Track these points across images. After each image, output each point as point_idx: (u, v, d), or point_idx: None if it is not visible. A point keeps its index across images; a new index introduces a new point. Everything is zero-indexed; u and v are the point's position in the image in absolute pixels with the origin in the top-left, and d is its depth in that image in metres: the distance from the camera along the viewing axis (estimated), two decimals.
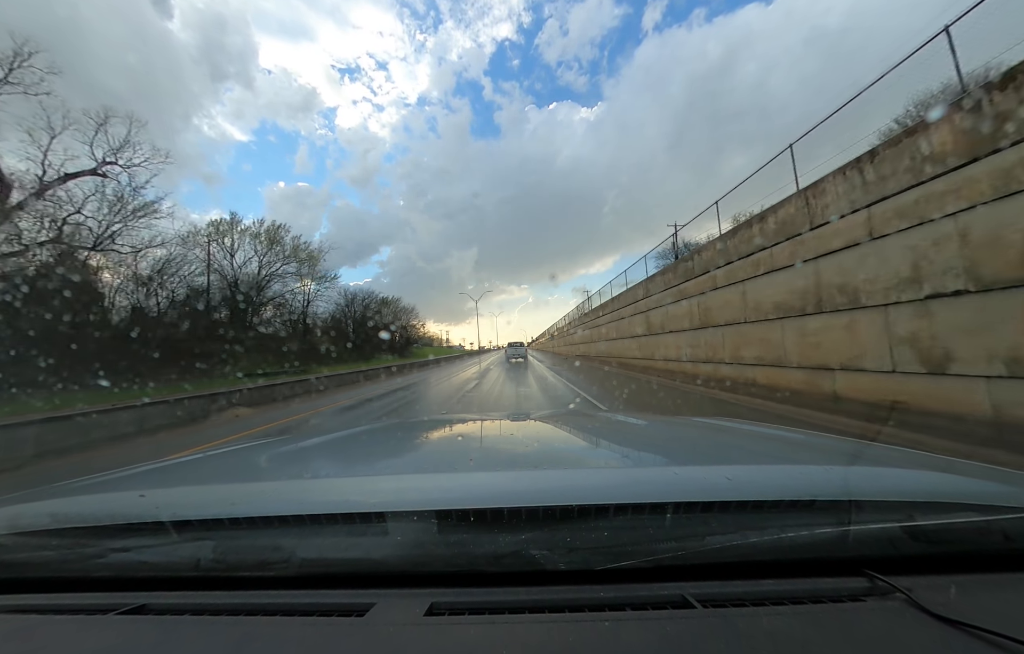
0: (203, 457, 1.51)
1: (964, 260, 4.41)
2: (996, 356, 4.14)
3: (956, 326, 4.53)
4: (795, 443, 1.35)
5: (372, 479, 1.11)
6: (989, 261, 4.20)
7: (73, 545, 0.78)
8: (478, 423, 2.03)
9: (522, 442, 1.52)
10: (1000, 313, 4.11)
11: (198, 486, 1.12)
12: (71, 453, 6.84)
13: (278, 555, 0.73)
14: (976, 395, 4.32)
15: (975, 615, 0.53)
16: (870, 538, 0.68)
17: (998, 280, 4.12)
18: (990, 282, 4.20)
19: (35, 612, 0.69)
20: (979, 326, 4.31)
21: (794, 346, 7.12)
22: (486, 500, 0.75)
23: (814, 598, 0.61)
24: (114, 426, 8.14)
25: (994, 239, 4.13)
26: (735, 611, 0.58)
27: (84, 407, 9.10)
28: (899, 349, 5.16)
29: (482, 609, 0.62)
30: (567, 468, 1.14)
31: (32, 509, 0.94)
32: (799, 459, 1.15)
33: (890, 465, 1.00)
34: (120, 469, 1.31)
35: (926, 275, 4.82)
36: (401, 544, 0.72)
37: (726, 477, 0.84)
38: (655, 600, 0.62)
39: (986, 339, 4.24)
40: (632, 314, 16.83)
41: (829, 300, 6.31)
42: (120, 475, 1.25)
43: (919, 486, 0.82)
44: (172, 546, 0.76)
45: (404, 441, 1.69)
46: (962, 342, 4.47)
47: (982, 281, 4.27)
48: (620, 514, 0.73)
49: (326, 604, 0.66)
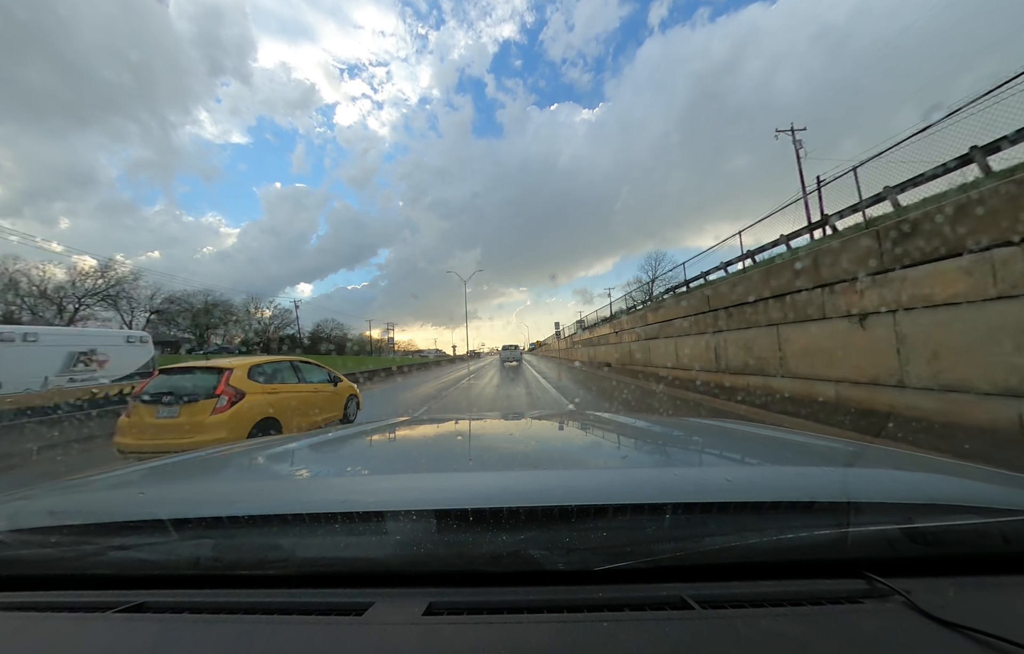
0: (202, 456, 1.51)
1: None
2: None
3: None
4: (794, 444, 1.35)
5: (371, 478, 1.10)
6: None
7: (72, 543, 0.78)
8: (478, 423, 2.02)
9: (521, 442, 1.52)
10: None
11: (197, 484, 1.11)
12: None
13: (277, 554, 0.73)
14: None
15: (974, 617, 0.53)
16: (869, 540, 0.68)
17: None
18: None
19: (34, 609, 0.69)
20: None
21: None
22: (485, 500, 0.75)
23: (813, 600, 0.61)
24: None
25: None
26: (734, 612, 0.58)
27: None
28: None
29: (480, 609, 0.62)
30: (566, 468, 1.14)
31: (31, 506, 0.93)
32: (798, 460, 1.15)
33: (889, 467, 1.00)
34: (120, 467, 1.31)
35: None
36: (400, 544, 0.72)
37: (725, 478, 0.83)
38: (653, 601, 0.62)
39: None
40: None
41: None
42: (120, 473, 1.24)
43: (918, 488, 0.82)
44: (171, 544, 0.76)
45: (403, 441, 1.67)
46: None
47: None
48: (619, 515, 0.72)
49: (325, 603, 0.66)
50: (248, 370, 5.90)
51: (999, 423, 4.61)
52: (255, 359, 6.40)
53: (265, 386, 6.10)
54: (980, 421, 4.80)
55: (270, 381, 6.29)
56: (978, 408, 4.84)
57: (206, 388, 5.42)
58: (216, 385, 5.42)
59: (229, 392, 5.43)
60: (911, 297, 5.61)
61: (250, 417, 5.56)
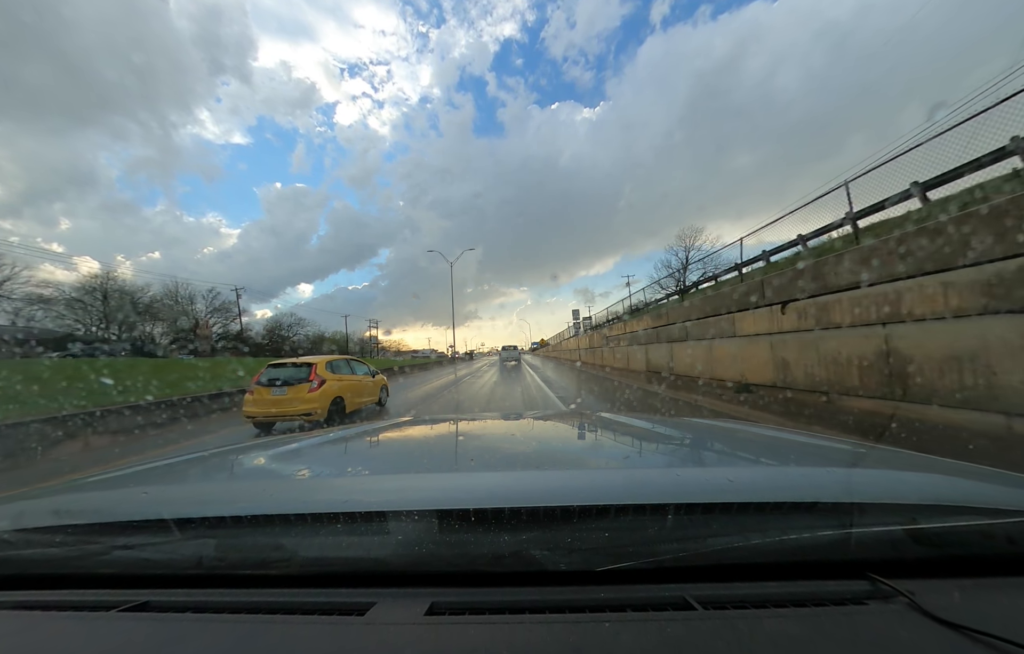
0: (205, 455, 1.52)
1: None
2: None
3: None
4: (797, 445, 1.36)
5: (373, 478, 1.12)
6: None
7: (76, 542, 0.79)
8: (479, 423, 2.05)
9: (523, 442, 1.53)
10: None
11: (200, 484, 1.14)
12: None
13: (280, 554, 0.74)
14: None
15: (978, 619, 0.53)
16: (873, 541, 0.68)
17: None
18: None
19: (38, 608, 0.69)
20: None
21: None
22: (487, 500, 0.76)
23: (816, 600, 0.61)
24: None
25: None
26: (736, 613, 0.58)
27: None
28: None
29: (482, 609, 0.62)
30: (568, 468, 1.15)
31: (35, 506, 0.95)
32: (801, 461, 1.15)
33: (893, 468, 1.00)
34: (123, 466, 1.35)
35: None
36: (402, 544, 0.72)
37: (727, 478, 0.84)
38: (656, 601, 0.62)
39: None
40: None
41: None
42: (123, 473, 1.26)
43: (922, 489, 0.82)
44: (174, 544, 0.76)
45: (405, 441, 1.70)
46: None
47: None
48: (621, 515, 0.72)
49: (327, 603, 0.66)
50: (325, 364, 8.58)
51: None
52: (328, 357, 9.12)
53: (334, 375, 8.73)
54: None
55: (336, 372, 8.96)
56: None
57: (302, 376, 8.14)
58: (308, 374, 8.13)
59: (317, 379, 8.18)
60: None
61: (329, 395, 8.31)
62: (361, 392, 9.83)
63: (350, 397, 9.13)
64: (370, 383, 10.47)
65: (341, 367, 9.45)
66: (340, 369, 9.32)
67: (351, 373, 9.74)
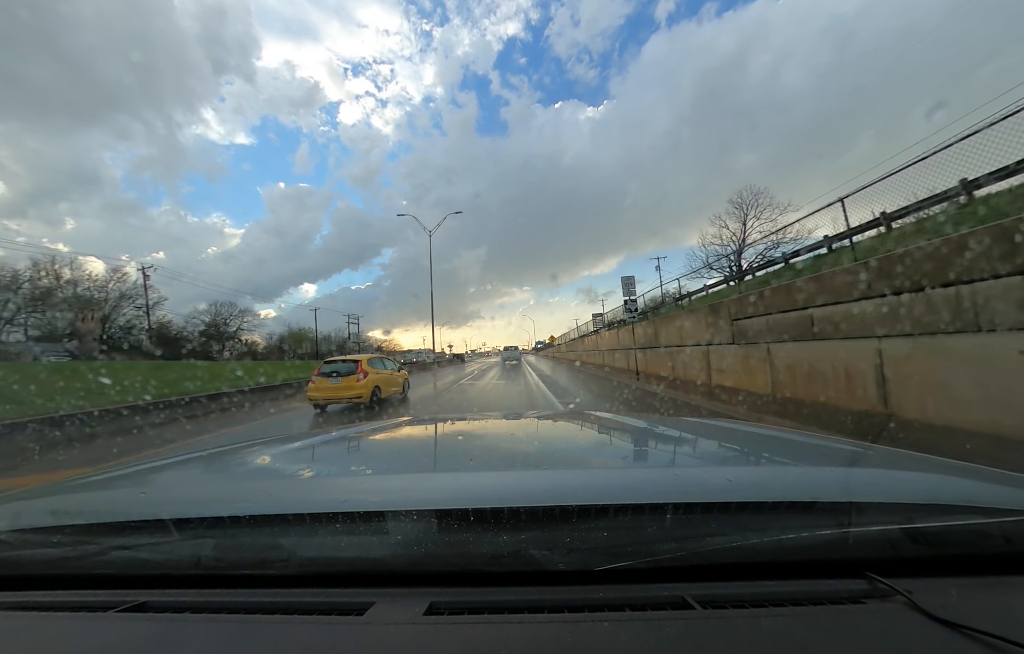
0: (204, 455, 1.52)
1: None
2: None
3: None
4: (795, 444, 1.36)
5: (372, 478, 1.12)
6: None
7: (74, 542, 0.78)
8: (478, 422, 2.06)
9: (522, 442, 1.54)
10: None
11: (199, 484, 1.14)
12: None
13: (278, 554, 0.73)
14: None
15: (975, 618, 0.53)
16: (870, 540, 0.68)
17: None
18: None
19: (36, 609, 0.69)
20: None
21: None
22: (486, 500, 0.76)
23: (814, 600, 0.61)
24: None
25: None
26: (735, 612, 0.58)
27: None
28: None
29: (481, 609, 0.62)
30: (567, 468, 1.15)
31: (33, 506, 0.94)
32: (799, 460, 1.15)
33: (891, 467, 1.01)
34: (121, 466, 1.35)
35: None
36: (401, 543, 0.72)
37: (726, 478, 0.84)
38: (654, 601, 0.62)
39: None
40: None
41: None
42: (121, 473, 1.26)
43: (920, 488, 0.82)
44: (173, 544, 0.76)
45: (405, 440, 1.71)
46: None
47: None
48: (620, 514, 0.73)
49: (326, 603, 0.66)
50: (367, 361, 11.29)
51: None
52: (369, 355, 12.24)
53: (373, 369, 11.36)
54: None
55: (374, 366, 11.62)
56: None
57: (351, 369, 10.72)
58: (356, 368, 10.73)
59: (363, 371, 10.80)
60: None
61: (372, 385, 10.90)
62: (392, 383, 12.43)
63: (384, 387, 11.70)
64: (397, 376, 13.23)
65: (376, 363, 12.11)
66: (376, 365, 11.96)
67: (383, 368, 12.39)
